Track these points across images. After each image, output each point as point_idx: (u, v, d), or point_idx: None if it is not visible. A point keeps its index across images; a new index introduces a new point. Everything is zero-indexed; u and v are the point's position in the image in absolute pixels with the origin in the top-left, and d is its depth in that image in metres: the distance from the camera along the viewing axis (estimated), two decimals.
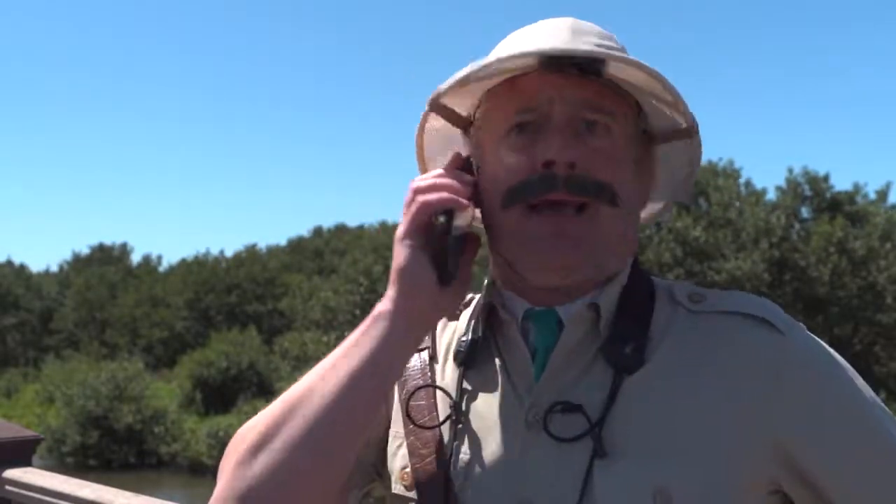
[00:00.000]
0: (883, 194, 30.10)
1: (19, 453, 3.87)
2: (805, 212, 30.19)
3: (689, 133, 1.12)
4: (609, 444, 1.01)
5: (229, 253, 53.33)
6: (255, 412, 1.16)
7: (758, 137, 65.56)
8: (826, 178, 30.07)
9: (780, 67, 67.72)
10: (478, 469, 1.07)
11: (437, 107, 1.16)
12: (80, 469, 27.39)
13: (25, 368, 46.29)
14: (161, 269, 56.75)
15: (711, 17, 69.71)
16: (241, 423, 1.16)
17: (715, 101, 65.57)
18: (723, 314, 1.07)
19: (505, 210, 1.07)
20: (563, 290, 1.09)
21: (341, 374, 1.04)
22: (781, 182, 30.69)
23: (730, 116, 64.95)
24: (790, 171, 30.59)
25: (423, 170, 1.25)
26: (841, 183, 48.89)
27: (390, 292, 1.07)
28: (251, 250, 52.84)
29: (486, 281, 1.17)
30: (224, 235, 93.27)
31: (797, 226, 29.32)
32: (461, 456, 1.09)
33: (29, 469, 3.78)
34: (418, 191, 1.08)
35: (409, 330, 1.07)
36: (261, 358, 36.26)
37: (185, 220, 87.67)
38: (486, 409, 1.11)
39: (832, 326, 27.08)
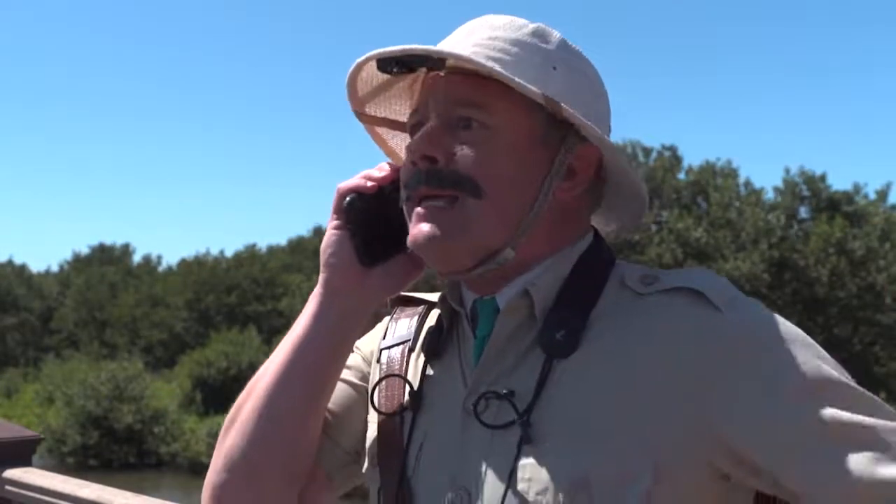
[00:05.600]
0: (883, 194, 30.11)
1: (19, 453, 3.86)
2: (804, 212, 30.21)
3: (550, 107, 1.05)
4: (537, 431, 1.03)
5: (229, 253, 53.33)
6: None
7: (756, 137, 65.62)
8: (823, 177, 30.09)
9: (779, 67, 67.76)
10: (426, 453, 1.13)
11: (374, 119, 1.24)
12: (80, 469, 27.40)
13: (25, 368, 46.23)
14: (161, 269, 56.76)
15: (710, 17, 69.79)
16: None
17: (713, 102, 65.66)
18: (664, 292, 1.06)
19: (406, 206, 1.13)
20: (490, 277, 1.11)
21: (281, 352, 1.19)
22: (780, 182, 30.70)
23: (728, 117, 65.02)
24: (787, 171, 30.63)
25: None
26: (840, 183, 48.93)
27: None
28: (251, 250, 52.79)
29: None
30: (224, 235, 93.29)
31: (796, 226, 29.34)
32: (415, 440, 1.14)
33: (29, 469, 3.78)
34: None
35: (331, 305, 1.17)
36: (261, 358, 35.83)
37: (185, 220, 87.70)
38: (440, 396, 1.15)
39: (832, 326, 27.08)
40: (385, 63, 1.10)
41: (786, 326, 1.04)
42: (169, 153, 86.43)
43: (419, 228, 1.09)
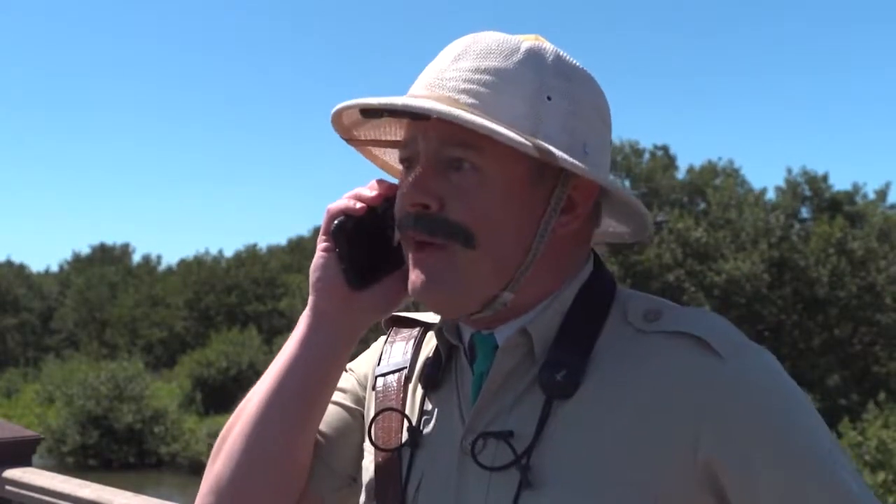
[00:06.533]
0: (882, 194, 30.13)
1: (19, 453, 3.87)
2: (805, 212, 30.23)
3: (543, 157, 1.00)
4: (537, 474, 1.01)
5: (229, 253, 53.36)
6: None
7: (757, 137, 65.59)
8: (825, 178, 30.12)
9: (779, 67, 67.74)
10: (424, 492, 1.10)
11: (365, 142, 1.21)
12: (80, 469, 27.38)
13: (25, 368, 46.24)
14: (161, 269, 56.74)
15: (710, 17, 69.77)
16: None
17: (714, 102, 65.65)
18: (668, 335, 1.03)
19: (401, 239, 1.11)
20: (490, 316, 1.08)
21: (269, 375, 1.18)
22: (781, 182, 30.73)
23: (729, 116, 65.00)
24: (789, 171, 30.66)
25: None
26: (840, 183, 48.89)
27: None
28: (251, 250, 52.78)
29: None
30: (224, 235, 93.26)
31: (796, 226, 29.34)
32: (413, 478, 1.12)
33: (29, 469, 3.79)
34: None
35: (318, 329, 1.15)
36: (261, 358, 36.19)
37: (185, 220, 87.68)
38: (438, 432, 1.13)
39: (832, 326, 27.07)
40: (368, 110, 1.06)
41: (786, 380, 1.02)
42: (169, 153, 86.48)
43: (416, 276, 1.07)
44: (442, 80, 1.05)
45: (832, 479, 0.97)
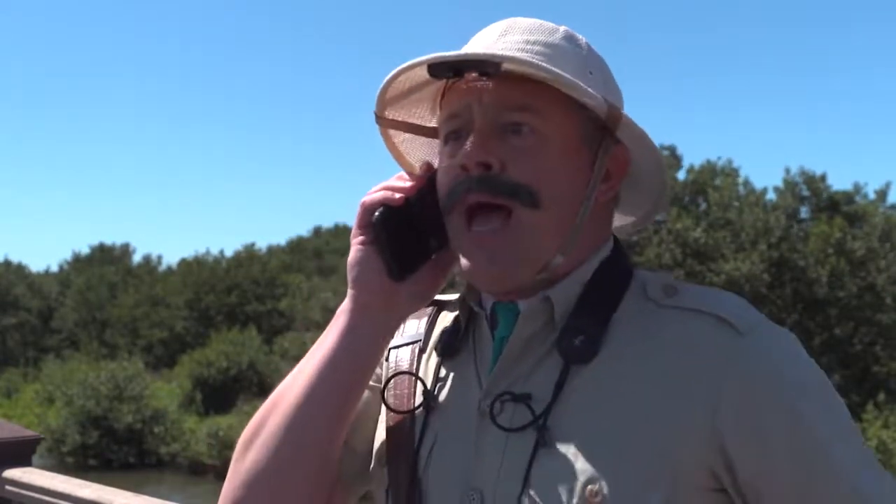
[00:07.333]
0: (882, 194, 30.09)
1: (19, 453, 3.88)
2: (804, 212, 30.19)
3: (610, 119, 1.08)
4: (554, 435, 1.03)
5: (229, 253, 53.30)
6: (255, 412, 1.23)
7: (756, 138, 65.55)
8: (823, 177, 30.07)
9: (779, 67, 67.69)
10: (439, 453, 1.12)
11: (392, 123, 1.22)
12: (80, 469, 27.38)
13: (25, 368, 46.22)
14: (161, 269, 56.70)
15: (710, 17, 69.73)
16: (241, 423, 1.23)
17: (714, 101, 65.61)
18: (687, 311, 1.06)
19: (448, 216, 1.12)
20: (521, 288, 1.11)
21: (308, 368, 1.16)
22: (780, 182, 30.70)
23: (729, 116, 64.98)
24: (787, 171, 30.60)
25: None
26: (841, 183, 48.84)
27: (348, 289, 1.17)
28: (251, 250, 52.75)
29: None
30: (224, 235, 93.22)
31: (796, 226, 29.31)
32: (427, 440, 1.13)
33: (29, 469, 3.79)
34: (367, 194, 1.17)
35: (363, 322, 1.15)
36: (261, 358, 36.22)
37: (185, 220, 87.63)
38: (454, 396, 1.15)
39: (832, 326, 27.06)
40: (437, 68, 1.07)
41: (805, 357, 1.05)
42: (169, 153, 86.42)
43: (476, 260, 1.08)
44: (496, 52, 1.07)
45: (838, 463, 0.99)
